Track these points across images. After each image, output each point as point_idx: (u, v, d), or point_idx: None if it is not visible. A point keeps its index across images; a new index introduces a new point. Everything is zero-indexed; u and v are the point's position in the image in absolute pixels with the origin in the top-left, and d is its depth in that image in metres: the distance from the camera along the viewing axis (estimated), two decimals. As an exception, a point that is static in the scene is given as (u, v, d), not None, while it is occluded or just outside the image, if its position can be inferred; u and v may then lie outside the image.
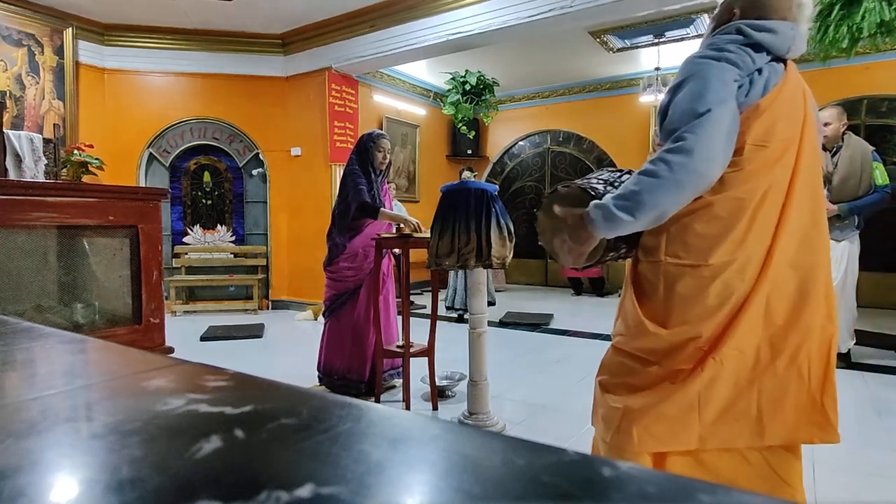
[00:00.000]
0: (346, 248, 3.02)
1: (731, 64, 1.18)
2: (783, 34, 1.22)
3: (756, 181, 1.20)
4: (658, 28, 5.61)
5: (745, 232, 1.20)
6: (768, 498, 0.24)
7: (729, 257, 1.21)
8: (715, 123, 1.13)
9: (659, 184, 1.14)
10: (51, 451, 0.32)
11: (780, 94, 1.20)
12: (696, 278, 1.23)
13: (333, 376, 3.06)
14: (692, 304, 1.23)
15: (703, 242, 1.22)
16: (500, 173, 8.70)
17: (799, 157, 1.23)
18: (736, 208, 1.21)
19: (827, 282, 1.27)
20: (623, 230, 1.20)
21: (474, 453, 0.31)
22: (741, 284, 1.21)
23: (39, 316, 1.88)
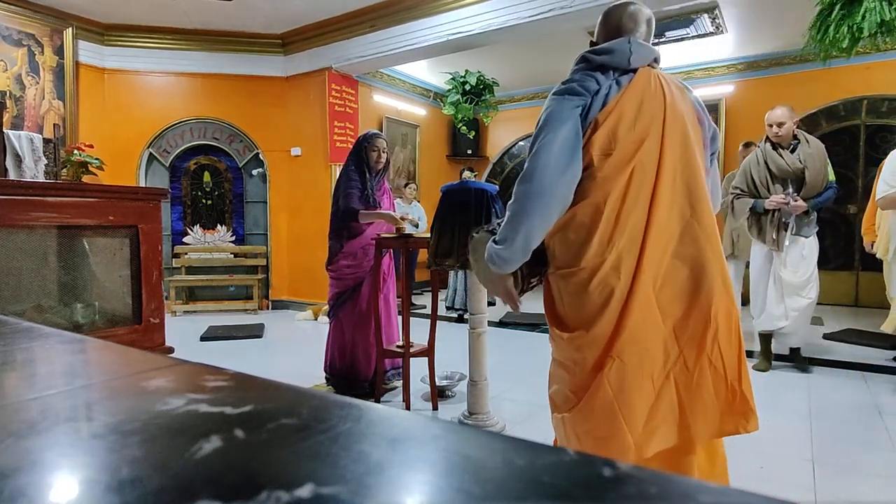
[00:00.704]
0: (343, 248, 3.05)
1: (571, 94, 1.32)
2: (619, 50, 1.35)
3: (609, 185, 1.29)
4: (658, 28, 5.61)
5: (611, 232, 1.29)
6: (768, 498, 0.24)
7: (599, 258, 1.29)
8: (546, 148, 1.26)
9: (513, 215, 1.30)
10: (51, 451, 0.32)
11: (618, 103, 1.31)
12: (577, 281, 1.32)
13: (337, 375, 3.08)
14: (580, 305, 1.33)
15: (575, 248, 1.32)
16: (500, 173, 8.69)
17: (663, 153, 1.30)
18: (595, 212, 1.30)
19: (721, 267, 1.32)
20: (511, 260, 1.34)
21: (474, 453, 0.31)
22: (618, 281, 1.28)
23: (39, 316, 1.88)
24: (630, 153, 1.29)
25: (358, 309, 3.07)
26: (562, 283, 1.37)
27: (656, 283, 1.28)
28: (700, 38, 5.81)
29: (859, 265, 5.89)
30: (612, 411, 1.26)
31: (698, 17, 5.32)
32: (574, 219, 1.33)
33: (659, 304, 1.28)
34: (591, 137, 1.30)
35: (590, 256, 1.29)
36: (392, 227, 3.20)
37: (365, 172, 3.08)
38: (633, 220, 1.28)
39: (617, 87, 1.33)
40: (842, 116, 5.99)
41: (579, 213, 1.32)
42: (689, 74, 6.74)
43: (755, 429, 1.30)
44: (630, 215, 1.28)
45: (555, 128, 1.29)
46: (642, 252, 1.27)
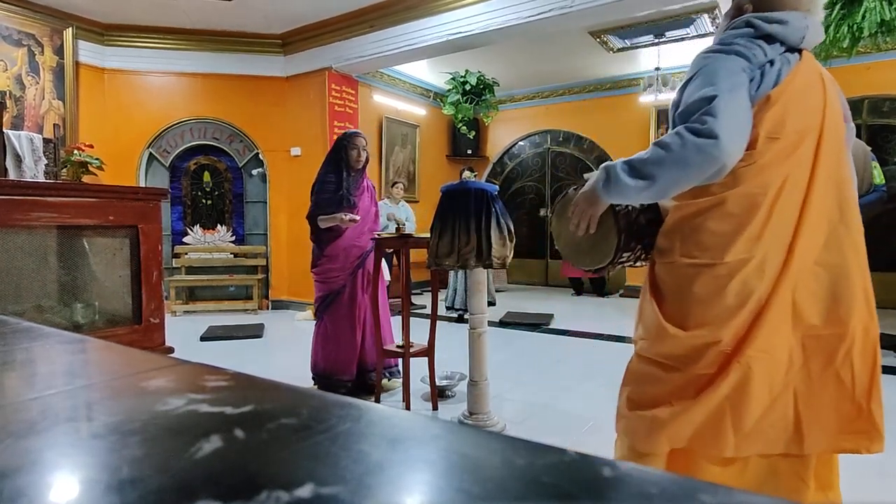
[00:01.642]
0: (325, 251, 3.06)
1: (741, 56, 1.16)
2: (794, 24, 1.20)
3: (769, 175, 1.16)
4: (658, 28, 5.61)
5: (762, 228, 1.16)
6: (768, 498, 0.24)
7: (745, 255, 1.17)
8: (729, 109, 1.10)
9: (667, 157, 1.13)
10: (51, 451, 0.32)
11: (791, 84, 1.17)
12: (713, 277, 1.19)
13: (321, 375, 3.09)
14: (711, 304, 1.20)
15: (718, 240, 1.19)
16: (500, 173, 8.69)
17: (819, 149, 1.18)
18: (749, 204, 1.17)
19: (864, 279, 1.21)
20: (626, 194, 1.20)
21: (474, 453, 0.31)
22: (760, 283, 1.16)
23: (39, 316, 1.88)
24: (794, 144, 1.17)
25: (342, 309, 3.07)
26: (688, 274, 1.22)
27: (796, 289, 1.17)
28: (700, 38, 5.81)
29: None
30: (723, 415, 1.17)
31: (698, 17, 5.32)
32: (722, 207, 1.18)
33: (793, 312, 1.17)
34: (762, 115, 1.16)
35: (735, 252, 1.17)
36: (377, 227, 3.21)
37: (342, 171, 3.07)
38: (784, 219, 1.16)
39: (787, 66, 1.18)
40: (842, 116, 5.99)
41: (730, 201, 1.18)
42: (689, 74, 6.74)
43: (879, 450, 1.20)
44: (783, 213, 1.16)
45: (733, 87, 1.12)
46: (789, 255, 1.16)
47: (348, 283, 3.07)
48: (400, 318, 3.07)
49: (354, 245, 3.08)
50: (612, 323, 5.31)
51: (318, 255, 3.09)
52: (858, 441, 1.20)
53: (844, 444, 1.20)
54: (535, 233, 8.39)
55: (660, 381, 1.28)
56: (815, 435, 1.18)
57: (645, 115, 7.16)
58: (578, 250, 1.42)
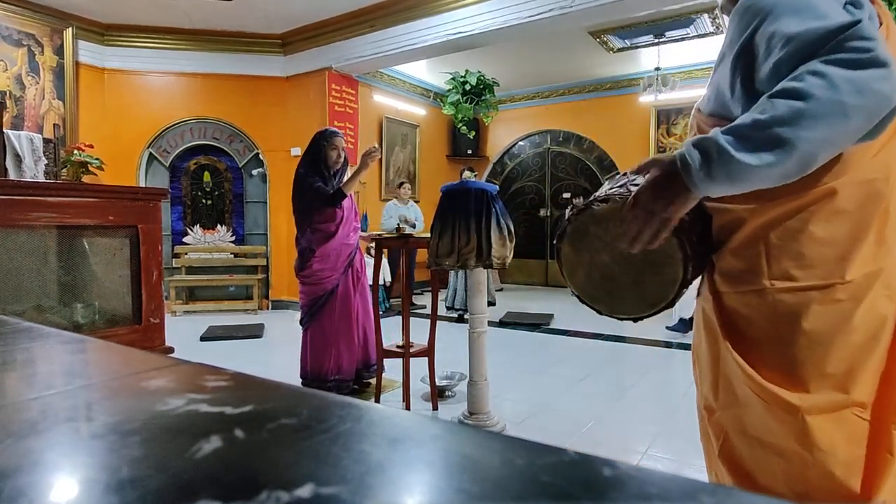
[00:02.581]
0: (316, 252, 3.00)
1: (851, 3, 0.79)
2: None
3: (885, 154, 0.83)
4: (658, 28, 5.61)
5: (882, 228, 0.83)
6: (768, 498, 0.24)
7: (872, 266, 0.83)
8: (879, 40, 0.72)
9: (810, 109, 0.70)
10: (51, 451, 0.32)
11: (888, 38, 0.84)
12: (832, 305, 0.83)
13: (322, 380, 3.01)
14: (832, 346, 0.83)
15: (830, 251, 0.84)
16: (500, 173, 8.70)
17: None
18: (869, 195, 0.83)
19: None
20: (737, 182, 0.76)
21: (474, 453, 0.31)
22: (890, 303, 0.83)
23: (39, 316, 1.88)
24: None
25: (336, 310, 3.02)
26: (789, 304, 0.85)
27: None
28: (700, 38, 5.82)
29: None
30: None
31: (698, 17, 5.32)
32: (830, 202, 0.83)
33: None
34: None
35: (858, 264, 0.82)
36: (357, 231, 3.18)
37: (322, 172, 3.00)
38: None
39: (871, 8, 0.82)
40: (842, 116, 5.99)
41: (843, 192, 0.82)
42: (689, 74, 6.75)
43: None
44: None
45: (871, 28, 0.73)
46: None
47: (341, 282, 3.05)
48: (394, 319, 3.07)
49: (345, 244, 3.05)
50: (612, 323, 5.30)
51: (308, 257, 3.01)
52: None
53: None
54: (535, 233, 8.39)
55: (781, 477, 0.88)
56: None
57: (645, 115, 7.16)
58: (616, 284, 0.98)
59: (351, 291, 3.08)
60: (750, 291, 0.89)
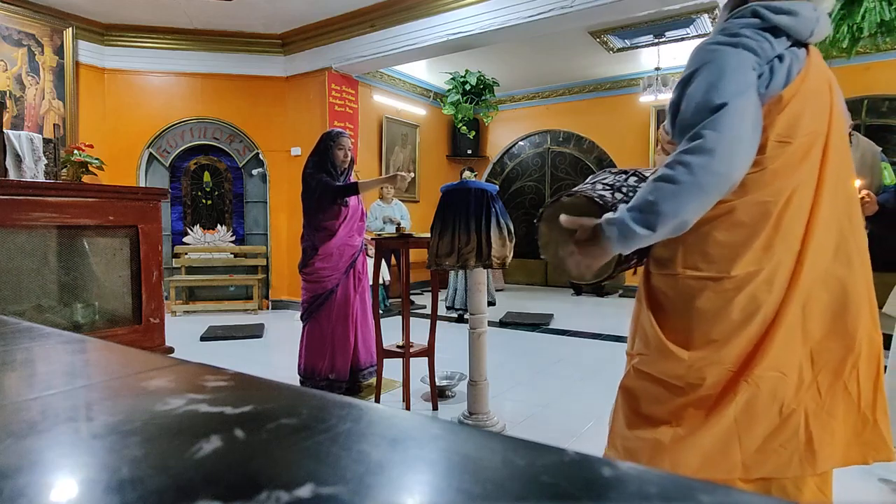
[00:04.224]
0: (319, 250, 3.02)
1: (749, 50, 1.05)
2: (804, 16, 1.09)
3: (781, 182, 1.08)
4: (658, 28, 5.61)
5: (771, 238, 1.09)
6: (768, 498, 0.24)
7: (755, 267, 1.09)
8: (736, 117, 1.01)
9: (678, 190, 1.01)
10: (51, 451, 0.32)
11: (803, 83, 1.08)
12: (719, 292, 1.11)
13: (317, 378, 3.05)
14: (715, 320, 1.12)
15: (726, 252, 1.11)
16: (500, 173, 8.70)
17: (826, 153, 1.10)
18: (760, 213, 1.08)
19: (869, 287, 1.15)
20: (641, 245, 1.09)
21: (474, 453, 0.31)
22: (769, 297, 1.09)
23: (39, 316, 1.88)
24: (806, 146, 1.08)
25: (336, 310, 3.04)
26: (692, 287, 1.14)
27: (807, 302, 1.10)
28: (700, 38, 5.81)
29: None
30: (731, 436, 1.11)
31: (698, 17, 5.32)
32: (731, 216, 1.10)
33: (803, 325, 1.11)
34: (775, 117, 1.06)
35: (744, 264, 1.09)
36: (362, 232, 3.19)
37: (330, 172, 3.04)
38: (794, 228, 1.09)
39: (797, 62, 1.08)
40: (842, 116, 5.99)
41: (739, 210, 1.09)
42: (689, 74, 6.74)
43: (888, 459, 1.16)
44: (793, 221, 1.08)
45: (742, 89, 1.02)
46: (799, 265, 1.09)
47: (341, 282, 3.06)
48: (394, 319, 3.07)
49: (347, 244, 3.07)
50: (612, 323, 5.31)
51: (310, 255, 3.04)
52: (865, 452, 1.16)
53: (853, 456, 1.16)
54: (536, 233, 8.38)
55: (661, 401, 1.20)
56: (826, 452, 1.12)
57: (645, 115, 7.16)
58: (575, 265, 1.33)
59: (351, 293, 3.08)
60: (668, 275, 1.19)
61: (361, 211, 3.23)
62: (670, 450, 1.16)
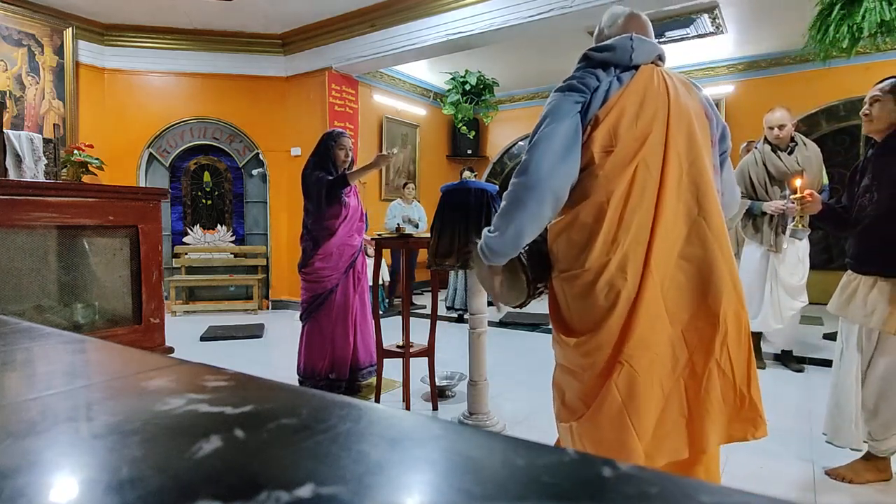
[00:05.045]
0: (319, 250, 3.02)
1: (572, 90, 1.31)
2: (621, 47, 1.34)
3: (612, 183, 1.25)
4: (658, 28, 5.61)
5: (615, 231, 1.25)
6: (769, 498, 0.24)
7: (604, 258, 1.25)
8: (543, 142, 1.26)
9: (506, 206, 1.30)
10: (51, 451, 0.32)
11: (619, 100, 1.28)
12: (582, 284, 1.28)
13: (316, 378, 3.05)
14: (586, 308, 1.29)
15: (578, 249, 1.29)
16: (500, 173, 8.69)
17: (667, 150, 1.26)
18: (598, 211, 1.26)
19: (731, 268, 1.28)
20: (501, 252, 1.34)
21: (474, 453, 0.31)
22: (625, 282, 1.23)
23: (39, 316, 1.88)
24: (633, 150, 1.26)
25: (335, 310, 3.04)
26: (566, 286, 1.33)
27: (664, 284, 1.24)
28: (700, 38, 5.82)
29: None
30: (622, 418, 1.21)
31: (698, 17, 5.32)
32: (577, 219, 1.29)
33: (666, 307, 1.24)
34: (592, 134, 1.28)
35: (594, 257, 1.25)
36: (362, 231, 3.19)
37: (331, 172, 3.05)
38: (638, 219, 1.24)
39: (618, 84, 1.31)
40: (842, 116, 5.98)
41: (582, 212, 1.28)
42: (689, 74, 6.73)
43: (764, 435, 1.27)
44: (635, 214, 1.24)
45: (553, 122, 1.28)
46: (649, 252, 1.24)
47: (341, 282, 3.06)
48: (394, 319, 3.07)
49: (347, 244, 3.07)
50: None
51: (310, 254, 3.04)
52: (745, 428, 1.27)
53: (734, 433, 1.27)
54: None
55: (570, 388, 1.35)
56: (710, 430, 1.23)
57: (645, 115, 7.16)
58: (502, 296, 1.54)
59: (350, 293, 3.09)
60: (554, 278, 1.39)
61: (361, 211, 3.23)
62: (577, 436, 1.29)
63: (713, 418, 1.23)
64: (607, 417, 1.23)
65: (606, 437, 1.24)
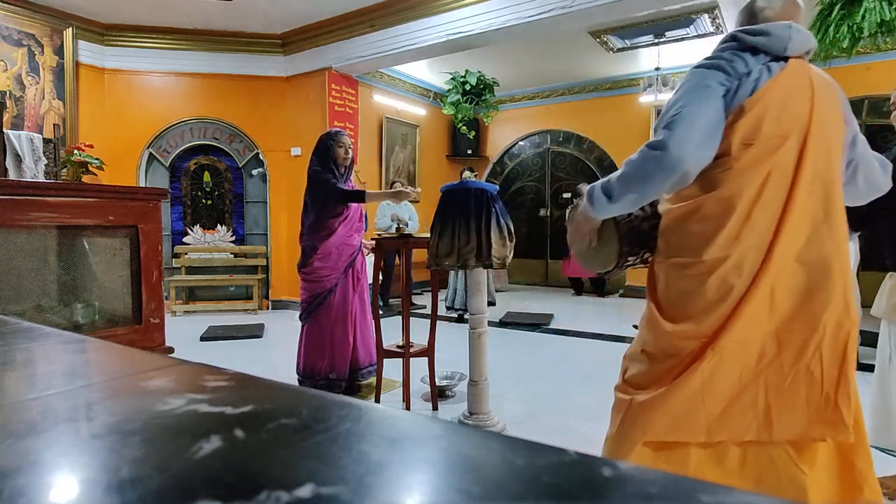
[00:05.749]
0: (318, 249, 3.02)
1: (719, 70, 1.26)
2: (777, 35, 1.27)
3: (745, 179, 1.23)
4: (658, 28, 5.61)
5: (739, 229, 1.23)
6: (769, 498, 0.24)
7: (723, 253, 1.24)
8: (686, 121, 1.21)
9: (631, 172, 1.27)
10: (51, 451, 0.32)
11: (767, 92, 1.23)
12: (694, 275, 1.28)
13: (316, 378, 3.05)
14: (692, 299, 1.29)
15: (697, 241, 1.28)
16: (500, 173, 8.69)
17: (804, 152, 1.23)
18: (726, 207, 1.24)
19: (844, 276, 1.25)
20: (608, 210, 1.34)
21: (474, 453, 0.31)
22: (739, 280, 1.23)
23: (39, 316, 1.88)
24: (771, 149, 1.22)
25: (335, 310, 3.04)
26: (674, 272, 1.34)
27: (775, 285, 1.23)
28: (700, 38, 5.81)
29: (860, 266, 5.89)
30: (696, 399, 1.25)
31: (698, 17, 5.32)
32: (699, 210, 1.28)
33: (771, 306, 1.24)
34: (735, 124, 1.23)
35: (713, 251, 1.25)
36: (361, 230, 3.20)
37: (333, 171, 3.05)
38: (764, 220, 1.22)
39: (768, 74, 1.24)
40: (842, 116, 5.98)
41: (706, 205, 1.27)
42: (689, 74, 6.74)
43: (846, 440, 1.26)
44: (762, 214, 1.22)
45: (698, 101, 1.23)
46: (769, 254, 1.22)
47: (340, 282, 3.06)
48: (394, 319, 3.08)
49: (346, 244, 3.07)
50: (612, 323, 5.30)
51: (309, 254, 3.04)
52: (824, 430, 1.27)
53: (813, 433, 1.27)
54: (535, 233, 8.39)
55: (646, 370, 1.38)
56: (785, 423, 1.25)
57: (645, 115, 7.16)
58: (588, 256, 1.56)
59: (350, 292, 3.09)
60: (660, 262, 1.40)
61: (361, 212, 3.24)
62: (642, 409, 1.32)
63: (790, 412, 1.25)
64: (684, 395, 1.26)
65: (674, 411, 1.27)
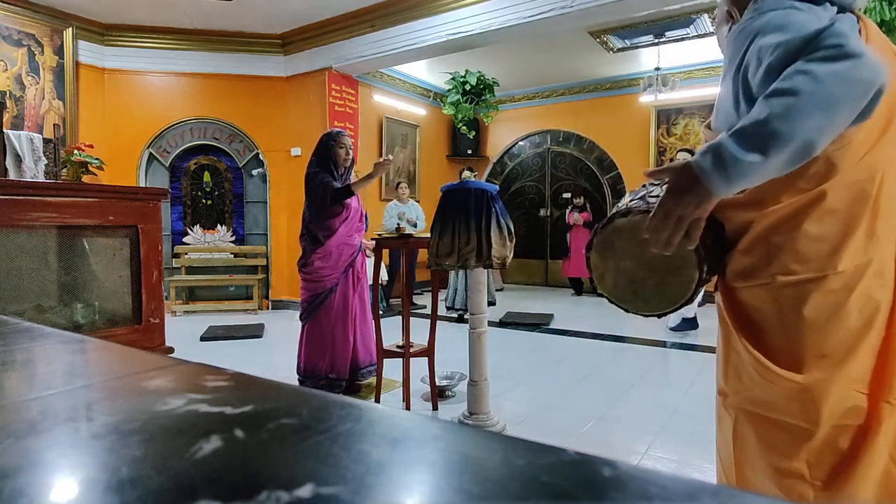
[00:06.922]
0: (317, 248, 3.03)
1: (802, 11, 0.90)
2: None
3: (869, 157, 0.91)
4: (658, 28, 5.61)
5: (873, 223, 0.91)
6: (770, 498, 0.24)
7: (862, 258, 0.91)
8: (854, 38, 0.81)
9: (799, 102, 0.78)
10: (51, 451, 0.32)
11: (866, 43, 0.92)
12: (826, 294, 0.92)
13: (316, 377, 3.06)
14: (828, 331, 0.92)
15: (823, 246, 0.92)
16: (500, 173, 8.69)
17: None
18: (858, 195, 0.91)
19: None
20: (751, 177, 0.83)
21: (474, 453, 0.31)
22: (884, 290, 0.91)
23: (39, 316, 1.88)
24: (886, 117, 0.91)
25: (335, 309, 3.05)
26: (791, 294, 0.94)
27: None
28: (700, 38, 5.82)
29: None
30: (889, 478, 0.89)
31: (698, 17, 5.32)
32: (819, 202, 0.92)
33: None
34: None
35: (849, 257, 0.90)
36: (362, 230, 3.20)
37: (332, 171, 3.06)
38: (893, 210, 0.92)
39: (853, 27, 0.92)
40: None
41: (832, 193, 0.91)
42: (689, 74, 6.75)
43: None
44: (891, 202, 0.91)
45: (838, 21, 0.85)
46: None
47: (340, 282, 3.06)
48: (394, 319, 3.08)
49: (346, 244, 3.08)
50: (612, 323, 5.30)
51: (310, 253, 3.05)
52: None
53: None
54: (535, 233, 8.39)
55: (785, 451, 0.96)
56: None
57: (645, 115, 7.16)
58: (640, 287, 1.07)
59: (350, 292, 3.09)
60: (758, 286, 0.98)
61: (361, 211, 3.24)
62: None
63: None
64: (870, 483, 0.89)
65: None
